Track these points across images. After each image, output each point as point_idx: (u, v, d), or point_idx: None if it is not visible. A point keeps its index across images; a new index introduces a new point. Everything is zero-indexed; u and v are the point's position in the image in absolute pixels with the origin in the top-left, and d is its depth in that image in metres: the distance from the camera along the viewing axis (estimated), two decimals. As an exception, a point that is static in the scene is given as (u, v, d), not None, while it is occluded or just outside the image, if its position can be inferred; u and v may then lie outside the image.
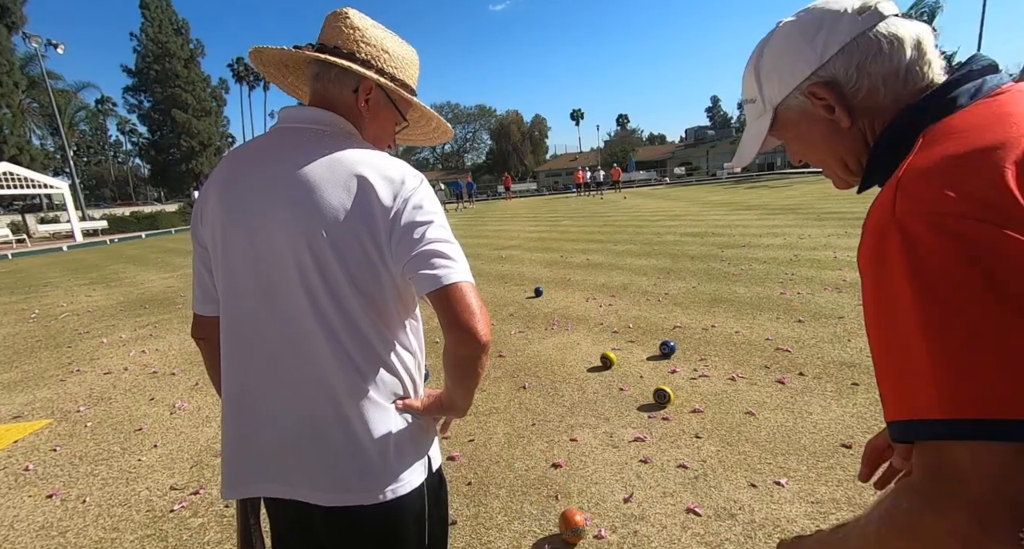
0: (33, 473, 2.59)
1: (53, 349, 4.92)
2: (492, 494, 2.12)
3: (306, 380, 0.83)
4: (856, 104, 0.61)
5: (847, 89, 0.61)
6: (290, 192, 0.80)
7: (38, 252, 17.53)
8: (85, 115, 53.28)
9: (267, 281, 0.83)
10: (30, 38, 24.14)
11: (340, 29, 0.87)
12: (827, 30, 0.60)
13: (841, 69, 0.60)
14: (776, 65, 0.65)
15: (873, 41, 0.59)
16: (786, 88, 0.64)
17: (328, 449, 0.82)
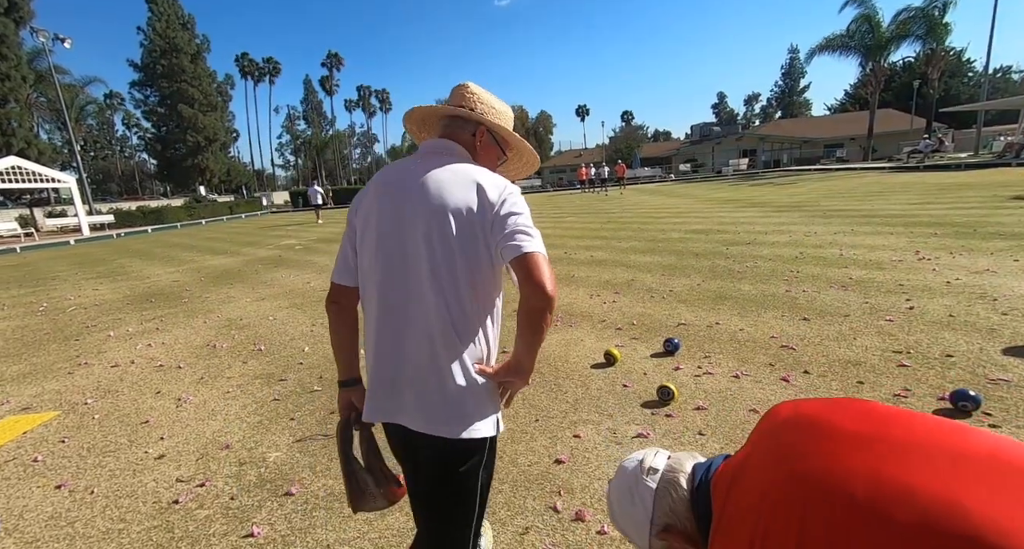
0: (42, 464, 2.62)
1: (61, 342, 4.97)
2: (495, 489, 2.13)
3: (416, 334, 1.12)
4: (688, 534, 0.80)
5: (679, 528, 0.81)
6: (427, 189, 1.12)
7: (46, 246, 17.67)
8: (93, 110, 53.47)
9: (401, 254, 1.13)
10: (37, 33, 24.20)
11: (463, 95, 1.26)
12: (638, 494, 0.84)
13: (665, 516, 0.82)
14: (627, 526, 0.87)
15: (663, 487, 0.83)
16: (644, 539, 0.84)
17: (426, 391, 1.12)
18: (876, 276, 4.87)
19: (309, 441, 2.65)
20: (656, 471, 0.86)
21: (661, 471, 0.86)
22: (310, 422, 2.87)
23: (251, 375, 3.69)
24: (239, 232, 18.67)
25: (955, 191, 11.92)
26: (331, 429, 2.77)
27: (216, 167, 51.34)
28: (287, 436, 2.72)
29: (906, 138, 32.69)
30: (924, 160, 24.06)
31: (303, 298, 6.15)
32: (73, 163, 35.46)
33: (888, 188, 14.37)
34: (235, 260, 10.33)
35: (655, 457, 0.89)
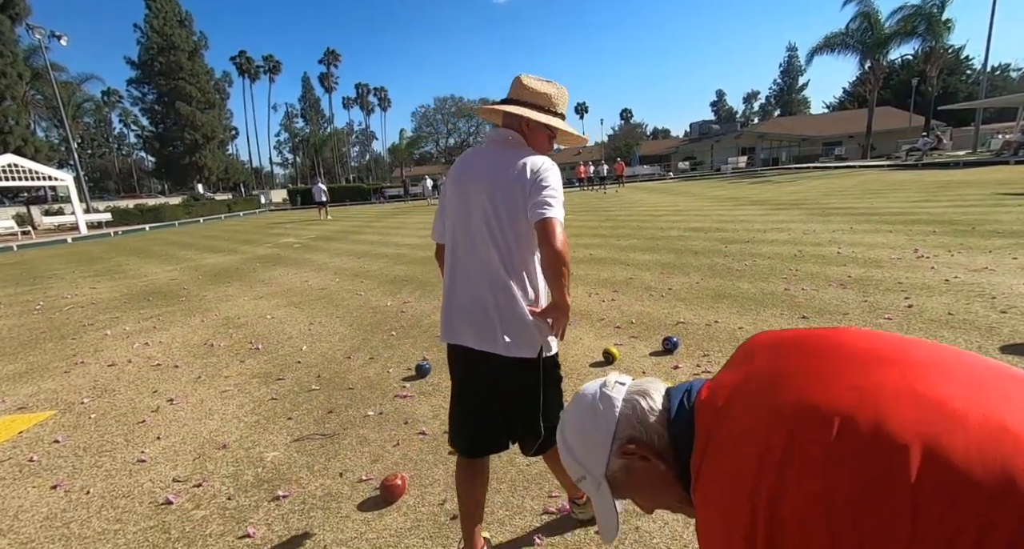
0: (37, 464, 2.60)
1: (57, 341, 4.95)
2: (494, 489, 2.12)
3: (477, 279, 1.50)
4: (658, 450, 0.75)
5: (646, 440, 0.76)
6: (484, 169, 1.51)
7: (43, 244, 17.61)
8: (90, 107, 53.24)
9: (465, 220, 1.52)
10: (33, 29, 24.05)
11: (516, 87, 1.57)
12: (601, 407, 0.79)
13: (630, 429, 0.76)
14: (584, 447, 0.80)
15: (633, 402, 0.78)
16: (603, 458, 0.78)
17: (485, 320, 1.48)
18: (875, 274, 4.87)
19: (307, 441, 2.64)
20: (622, 385, 0.82)
21: (627, 385, 0.82)
22: (308, 421, 2.86)
23: (248, 374, 3.67)
24: (237, 230, 18.63)
25: (954, 189, 11.92)
26: (328, 428, 2.75)
27: (214, 165, 51.21)
28: (284, 436, 2.71)
29: (904, 136, 32.70)
30: (922, 158, 24.06)
31: (301, 297, 6.13)
32: (70, 161, 35.33)
33: (887, 186, 14.37)
34: (233, 258, 10.30)
35: (618, 376, 0.85)
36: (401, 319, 4.79)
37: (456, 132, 76.97)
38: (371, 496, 2.13)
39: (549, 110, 1.56)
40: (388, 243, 10.92)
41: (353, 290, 6.27)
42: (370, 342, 4.19)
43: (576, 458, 0.81)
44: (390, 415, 2.86)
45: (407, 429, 2.68)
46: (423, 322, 4.63)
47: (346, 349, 4.06)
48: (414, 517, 1.99)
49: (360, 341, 4.24)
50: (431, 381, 3.29)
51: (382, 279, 6.84)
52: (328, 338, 4.39)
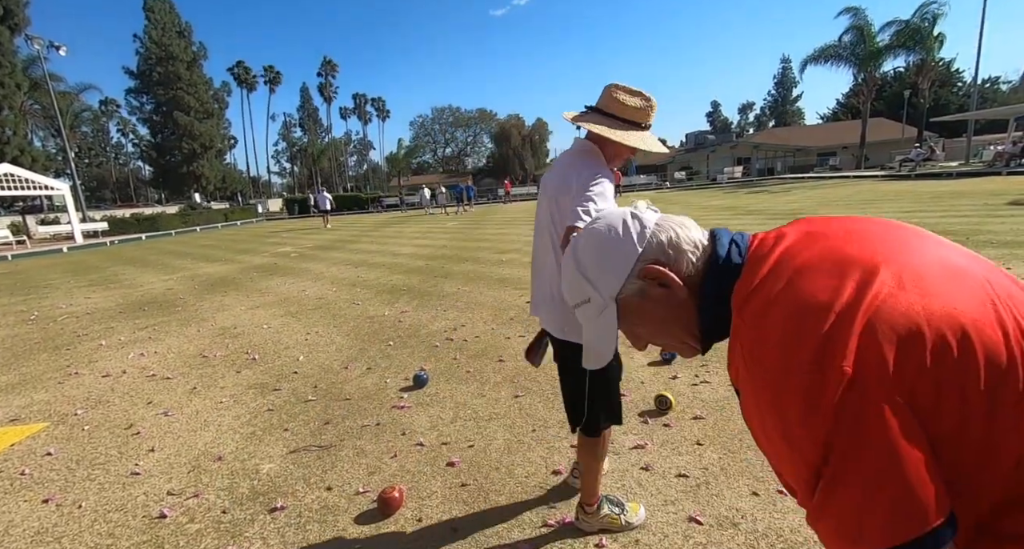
0: (29, 477, 2.56)
1: (51, 351, 4.90)
2: (492, 501, 2.10)
3: (543, 274, 1.78)
4: (686, 276, 0.71)
5: (672, 265, 0.70)
6: (552, 176, 1.72)
7: (38, 253, 17.52)
8: (88, 117, 53.36)
9: (538, 221, 1.80)
10: (32, 40, 24.15)
11: (603, 97, 1.66)
12: (631, 227, 0.72)
13: (658, 251, 0.71)
14: (602, 264, 0.73)
15: (665, 226, 0.72)
16: (621, 278, 0.71)
17: (550, 308, 1.73)
18: (871, 284, 4.88)
19: (303, 452, 2.61)
20: (655, 212, 0.75)
21: (660, 213, 0.75)
22: (304, 433, 2.83)
23: (244, 385, 3.64)
24: (234, 239, 18.60)
25: (947, 199, 12.03)
26: (325, 440, 2.73)
27: (211, 174, 51.25)
28: (280, 447, 2.68)
29: (898, 147, 33.05)
30: (916, 169, 24.30)
31: (298, 306, 6.11)
32: (67, 170, 35.30)
33: (881, 196, 14.50)
34: (230, 268, 10.27)
35: (650, 204, 0.77)
36: (399, 329, 4.78)
37: (453, 142, 77.40)
38: (368, 509, 2.11)
39: (630, 121, 1.61)
40: (386, 252, 10.91)
41: (350, 299, 6.25)
42: (367, 352, 4.17)
43: (586, 276, 0.74)
44: (387, 426, 2.84)
45: (405, 440, 2.66)
46: (421, 332, 4.61)
47: (343, 359, 4.04)
48: (412, 530, 1.96)
49: (357, 351, 4.22)
50: (429, 392, 3.27)
51: (380, 288, 6.83)
52: (325, 348, 4.37)
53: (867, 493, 0.50)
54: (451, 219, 21.06)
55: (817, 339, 0.52)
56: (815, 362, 0.52)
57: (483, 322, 4.78)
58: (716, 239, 0.72)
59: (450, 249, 10.53)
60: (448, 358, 3.87)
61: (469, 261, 8.64)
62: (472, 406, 3.01)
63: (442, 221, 20.03)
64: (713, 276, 0.69)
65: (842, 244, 0.60)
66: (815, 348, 0.52)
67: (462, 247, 10.73)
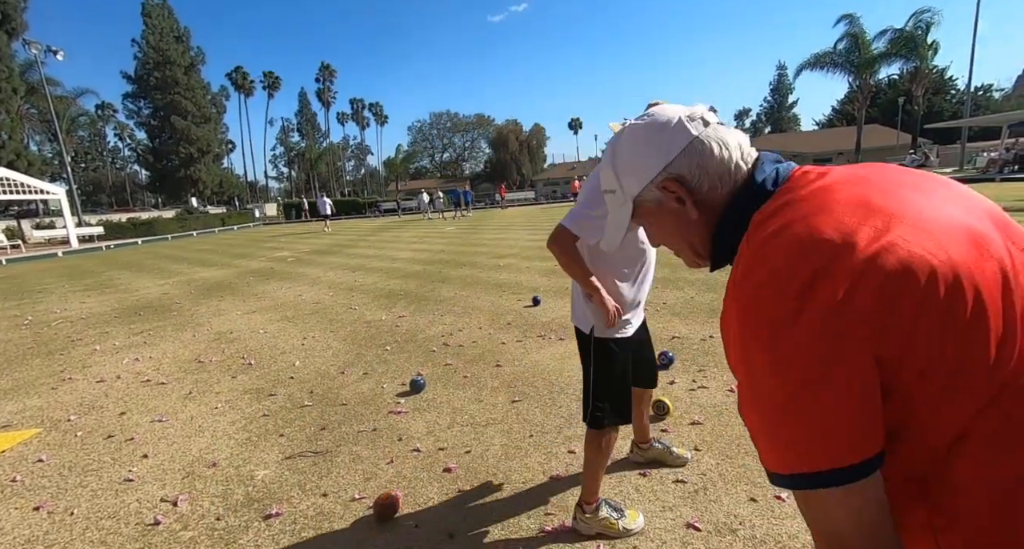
0: (20, 484, 2.53)
1: (45, 356, 4.86)
2: (489, 507, 2.09)
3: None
4: (700, 198, 0.71)
5: (692, 185, 0.70)
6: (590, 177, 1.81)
7: (33, 258, 17.43)
8: (84, 121, 53.29)
9: None
10: (30, 44, 24.14)
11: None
12: (669, 134, 0.70)
13: (685, 167, 0.70)
14: (631, 163, 0.74)
15: (707, 144, 0.70)
16: (642, 182, 0.73)
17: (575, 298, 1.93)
18: (867, 289, 4.90)
19: (299, 458, 2.59)
20: (707, 123, 0.71)
21: (713, 125, 0.71)
22: (300, 438, 2.81)
23: (240, 390, 3.62)
24: (231, 244, 18.55)
25: (941, 205, 12.09)
26: (321, 446, 2.71)
27: (209, 178, 51.19)
28: (276, 453, 2.66)
29: (892, 153, 33.29)
30: (910, 174, 24.41)
31: (295, 311, 6.09)
32: (63, 174, 35.19)
33: (876, 202, 14.56)
34: (226, 272, 10.23)
35: (712, 114, 0.73)
36: (396, 333, 4.76)
37: (451, 147, 77.60)
38: (364, 515, 2.09)
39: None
40: (383, 257, 10.90)
41: (347, 304, 6.23)
42: (364, 357, 4.16)
43: (616, 170, 0.76)
44: (384, 432, 2.82)
45: (401, 446, 2.65)
46: (418, 336, 4.60)
47: (340, 364, 4.02)
48: (408, 536, 1.95)
49: (354, 356, 4.20)
50: (425, 397, 3.26)
51: (377, 293, 6.81)
52: (321, 353, 4.35)
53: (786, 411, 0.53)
54: (449, 224, 21.07)
55: (809, 274, 0.52)
56: (798, 297, 0.52)
57: (480, 327, 4.77)
58: (759, 164, 0.71)
59: (448, 254, 10.53)
60: (445, 363, 3.85)
61: (467, 266, 8.64)
62: (469, 411, 3.00)
63: (440, 226, 20.04)
64: (740, 200, 0.68)
65: (876, 193, 0.59)
66: (803, 283, 0.52)
67: (460, 252, 10.73)
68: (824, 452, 0.52)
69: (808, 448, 0.52)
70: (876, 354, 0.51)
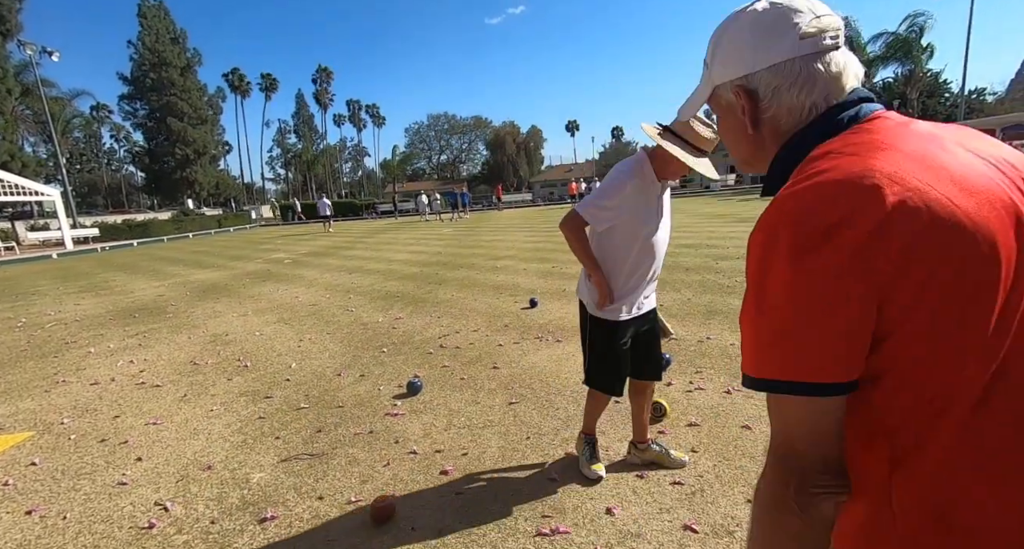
0: (12, 488, 2.51)
1: (38, 359, 4.83)
2: (486, 509, 2.08)
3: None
4: (762, 118, 0.70)
5: (761, 103, 0.68)
6: None
7: (27, 260, 17.32)
8: (80, 123, 53.05)
9: None
10: (25, 45, 24.06)
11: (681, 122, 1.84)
12: (771, 42, 0.66)
13: (763, 84, 0.67)
14: (725, 55, 0.71)
15: (798, 72, 0.65)
16: (724, 76, 0.71)
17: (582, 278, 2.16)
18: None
19: (294, 461, 2.58)
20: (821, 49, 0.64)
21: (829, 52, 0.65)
22: (296, 441, 2.79)
23: (236, 392, 3.60)
24: (227, 245, 18.48)
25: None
26: (317, 448, 2.69)
27: (205, 180, 51.06)
28: (272, 456, 2.65)
29: (887, 155, 33.41)
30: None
31: (291, 313, 6.06)
32: (58, 176, 35.03)
33: (871, 204, 14.62)
34: (222, 274, 10.19)
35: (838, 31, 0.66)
36: (392, 335, 4.75)
37: (448, 149, 77.63)
38: (360, 518, 2.08)
39: (699, 148, 1.83)
40: (380, 259, 10.88)
41: (344, 306, 6.21)
42: (361, 359, 4.14)
43: (715, 48, 0.72)
44: (380, 434, 2.81)
45: (398, 449, 2.63)
46: (414, 338, 4.59)
47: (336, 366, 4.00)
48: (405, 539, 1.94)
49: (350, 358, 4.19)
50: (422, 399, 3.25)
51: (373, 295, 6.80)
52: (318, 355, 4.33)
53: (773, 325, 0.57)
54: (446, 226, 21.06)
55: (843, 212, 0.53)
56: (827, 232, 0.53)
57: (477, 329, 4.76)
58: (845, 101, 0.67)
59: (445, 255, 10.52)
60: (442, 365, 3.84)
61: (464, 267, 8.63)
62: (466, 413, 2.99)
63: (437, 228, 20.02)
64: (808, 134, 0.66)
65: (935, 149, 0.58)
66: (837, 219, 0.53)
67: (457, 254, 10.72)
68: (806, 367, 0.55)
69: (795, 360, 0.56)
70: (883, 298, 0.52)
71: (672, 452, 2.31)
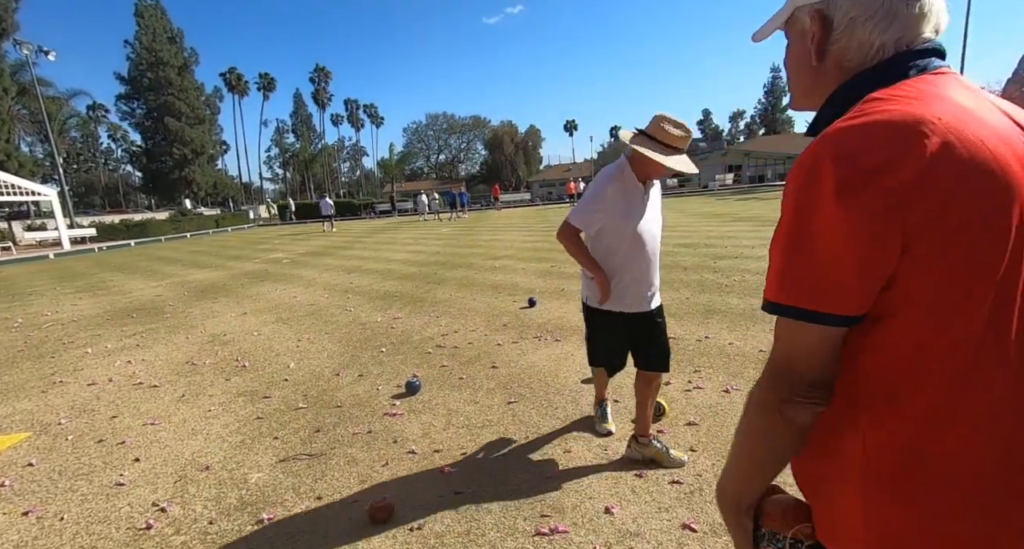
0: (9, 489, 2.50)
1: (35, 359, 4.81)
2: (485, 509, 2.08)
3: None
4: (830, 50, 0.68)
5: (834, 33, 0.67)
6: None
7: (24, 260, 17.26)
8: (76, 122, 52.90)
9: None
10: (21, 45, 23.93)
11: (653, 124, 2.04)
12: None
13: (841, 11, 0.65)
14: None
15: (880, 4, 0.63)
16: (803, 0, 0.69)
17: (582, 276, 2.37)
18: (861, 289, 4.92)
19: (293, 461, 2.57)
20: None
21: None
22: (294, 441, 2.79)
23: (234, 392, 3.59)
24: (225, 245, 18.44)
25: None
26: (316, 448, 2.69)
27: (203, 180, 50.94)
28: (270, 456, 2.64)
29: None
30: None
31: (289, 313, 6.05)
32: (55, 175, 34.92)
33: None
34: (220, 274, 10.17)
35: None
36: (391, 335, 4.74)
37: (447, 148, 77.58)
38: (359, 518, 2.07)
39: (672, 146, 2.00)
40: (379, 258, 10.87)
41: (342, 306, 6.20)
42: (359, 359, 4.13)
43: None
44: (379, 434, 2.80)
45: (396, 448, 2.63)
46: (413, 338, 4.58)
47: (334, 366, 4.00)
48: (402, 540, 1.93)
49: (349, 358, 4.18)
50: (421, 399, 3.24)
51: (372, 295, 6.79)
52: (316, 355, 4.33)
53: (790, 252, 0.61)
54: (444, 225, 21.04)
55: (887, 157, 0.54)
56: (868, 174, 0.54)
57: (476, 328, 4.76)
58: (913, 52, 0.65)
59: (443, 255, 10.51)
60: (440, 365, 3.84)
61: (462, 267, 8.62)
62: (465, 413, 2.99)
63: (435, 227, 20.01)
64: (871, 76, 0.65)
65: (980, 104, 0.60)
66: (879, 163, 0.54)
67: (455, 253, 10.71)
68: (825, 298, 0.59)
69: (815, 291, 0.59)
70: (911, 241, 0.54)
71: (671, 451, 2.31)
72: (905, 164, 0.53)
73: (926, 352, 0.58)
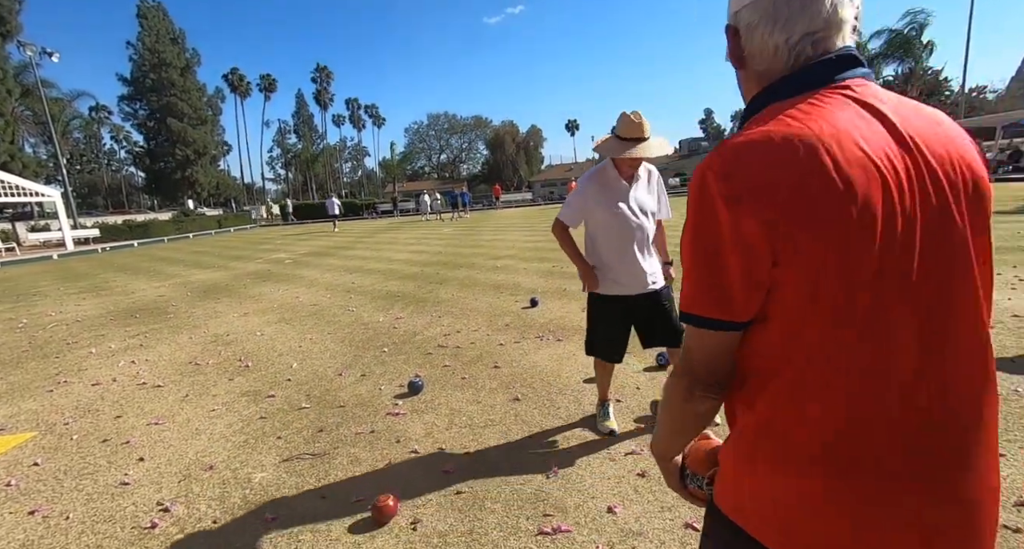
0: (15, 488, 2.51)
1: (40, 359, 4.83)
2: (487, 509, 2.08)
3: None
4: (745, 58, 0.72)
5: (742, 41, 0.71)
6: None
7: (28, 261, 17.33)
8: (79, 123, 53.10)
9: None
10: (25, 46, 24.05)
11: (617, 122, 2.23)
12: None
13: (743, 21, 0.69)
14: None
15: (769, 10, 0.66)
16: (728, 16, 0.73)
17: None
18: (864, 289, 4.91)
19: (296, 461, 2.58)
20: None
21: None
22: (297, 441, 2.80)
23: (237, 392, 3.60)
24: (227, 246, 18.49)
25: (937, 205, 12.15)
26: (319, 448, 2.70)
27: (205, 180, 51.10)
28: (273, 456, 2.65)
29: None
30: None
31: (292, 313, 6.07)
32: (58, 176, 35.07)
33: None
34: (223, 274, 10.20)
35: None
36: (393, 335, 4.75)
37: (448, 148, 77.63)
38: (362, 518, 2.08)
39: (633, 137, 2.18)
40: (381, 258, 10.88)
41: (345, 306, 6.22)
42: (362, 359, 4.15)
43: None
44: (382, 434, 2.81)
45: (399, 448, 2.64)
46: (416, 338, 4.59)
47: (337, 366, 4.01)
48: (406, 539, 1.94)
49: (352, 358, 4.19)
50: (424, 398, 3.25)
51: (374, 295, 6.80)
52: (319, 355, 4.34)
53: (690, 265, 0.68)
54: (446, 225, 21.06)
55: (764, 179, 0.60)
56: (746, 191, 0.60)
57: (478, 328, 4.76)
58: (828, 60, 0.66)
59: (445, 255, 10.52)
60: (443, 364, 3.85)
61: (464, 267, 8.63)
62: (467, 413, 3.00)
63: (437, 227, 20.03)
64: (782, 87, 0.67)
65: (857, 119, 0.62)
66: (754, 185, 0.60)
67: (457, 253, 10.72)
68: (710, 306, 0.66)
69: (703, 301, 0.66)
70: (779, 258, 0.60)
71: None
72: (773, 187, 0.59)
73: (792, 348, 0.64)
